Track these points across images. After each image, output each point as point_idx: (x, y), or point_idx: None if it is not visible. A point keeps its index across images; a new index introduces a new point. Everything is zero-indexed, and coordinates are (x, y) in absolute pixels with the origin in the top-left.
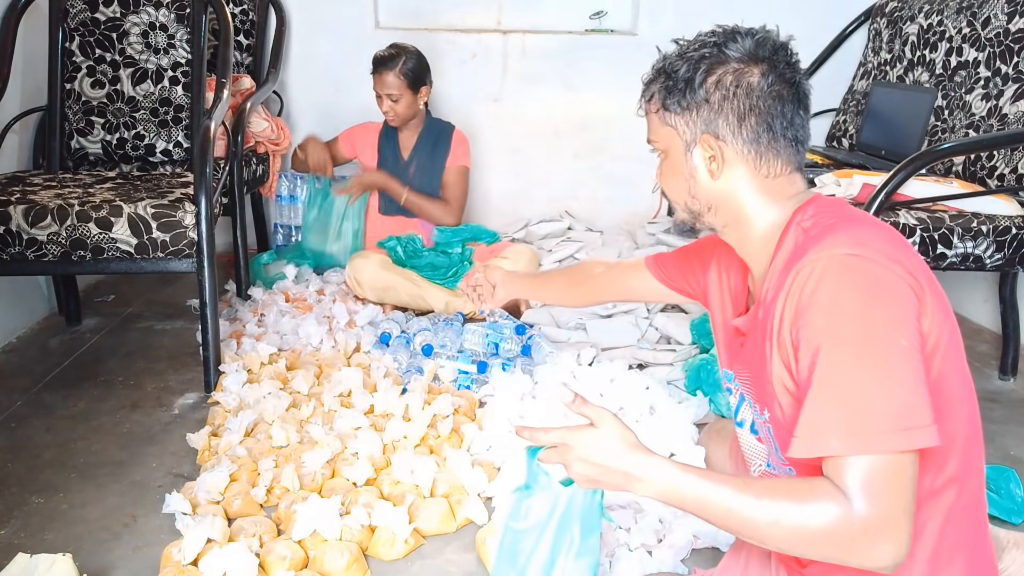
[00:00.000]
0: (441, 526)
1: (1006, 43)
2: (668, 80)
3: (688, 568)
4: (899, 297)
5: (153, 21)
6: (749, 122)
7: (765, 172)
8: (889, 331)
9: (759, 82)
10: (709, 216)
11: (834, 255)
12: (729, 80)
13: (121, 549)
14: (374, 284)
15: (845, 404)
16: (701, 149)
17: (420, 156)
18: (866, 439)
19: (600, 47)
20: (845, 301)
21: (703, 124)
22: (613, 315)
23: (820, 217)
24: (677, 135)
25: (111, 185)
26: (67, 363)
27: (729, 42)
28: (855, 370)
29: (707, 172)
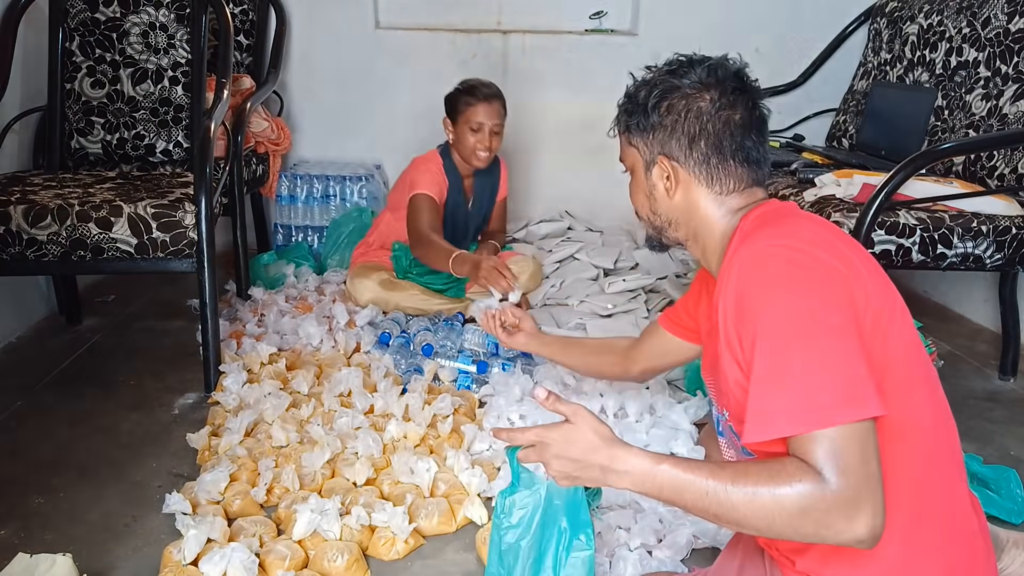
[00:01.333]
0: (441, 526)
1: (1006, 43)
2: (630, 104)
3: (688, 568)
4: (825, 278)
5: (153, 21)
6: (699, 144)
7: (718, 189)
8: (818, 310)
9: (708, 107)
10: (671, 231)
11: (759, 248)
12: (681, 105)
13: (121, 549)
14: (374, 303)
15: (787, 385)
16: (658, 168)
17: (479, 198)
18: (813, 415)
19: (600, 47)
20: (772, 289)
21: (658, 145)
22: (613, 315)
23: (758, 219)
24: (639, 155)
25: (111, 185)
26: (67, 363)
27: (684, 70)
28: (791, 352)
29: (664, 190)
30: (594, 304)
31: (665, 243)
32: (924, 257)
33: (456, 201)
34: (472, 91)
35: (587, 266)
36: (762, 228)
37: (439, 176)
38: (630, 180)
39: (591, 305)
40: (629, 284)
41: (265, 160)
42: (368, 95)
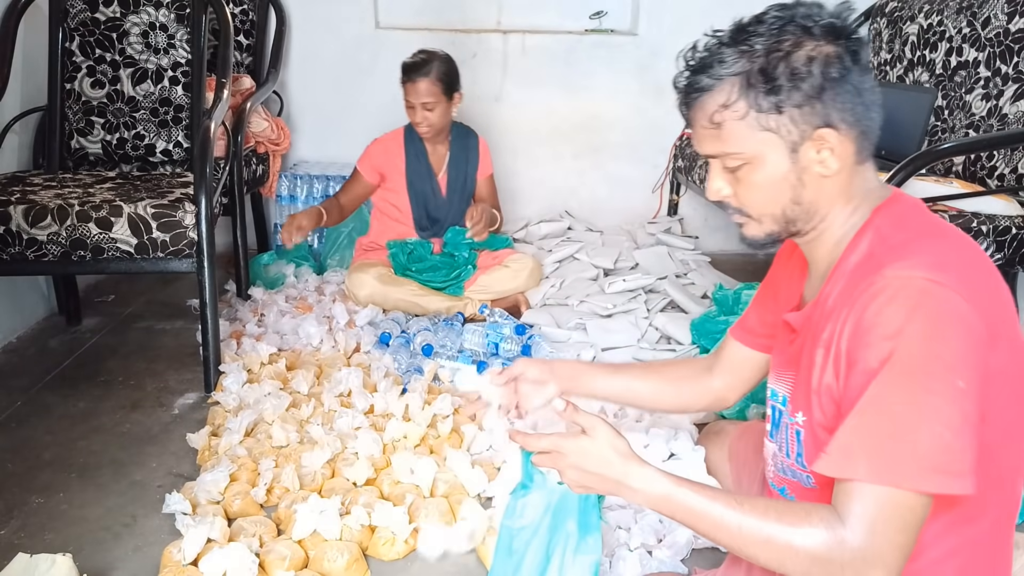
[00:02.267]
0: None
1: (1006, 43)
2: (763, 76)
3: (688, 568)
4: (968, 333)
5: (153, 21)
6: (857, 101)
7: (861, 158)
8: (949, 370)
9: (852, 57)
10: (806, 222)
11: (911, 278)
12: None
13: (121, 549)
14: (372, 299)
15: (886, 433)
16: (812, 145)
17: (453, 173)
18: (895, 473)
19: (600, 47)
20: (912, 330)
21: (817, 117)
22: (613, 315)
23: (902, 225)
24: (778, 138)
25: (111, 185)
26: (67, 363)
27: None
28: (905, 402)
29: (820, 171)
30: (594, 304)
31: (783, 238)
32: None
33: (418, 172)
34: (405, 68)
35: (587, 266)
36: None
37: (382, 154)
38: (747, 174)
39: (591, 305)
40: (629, 284)
41: (265, 160)
42: (368, 95)
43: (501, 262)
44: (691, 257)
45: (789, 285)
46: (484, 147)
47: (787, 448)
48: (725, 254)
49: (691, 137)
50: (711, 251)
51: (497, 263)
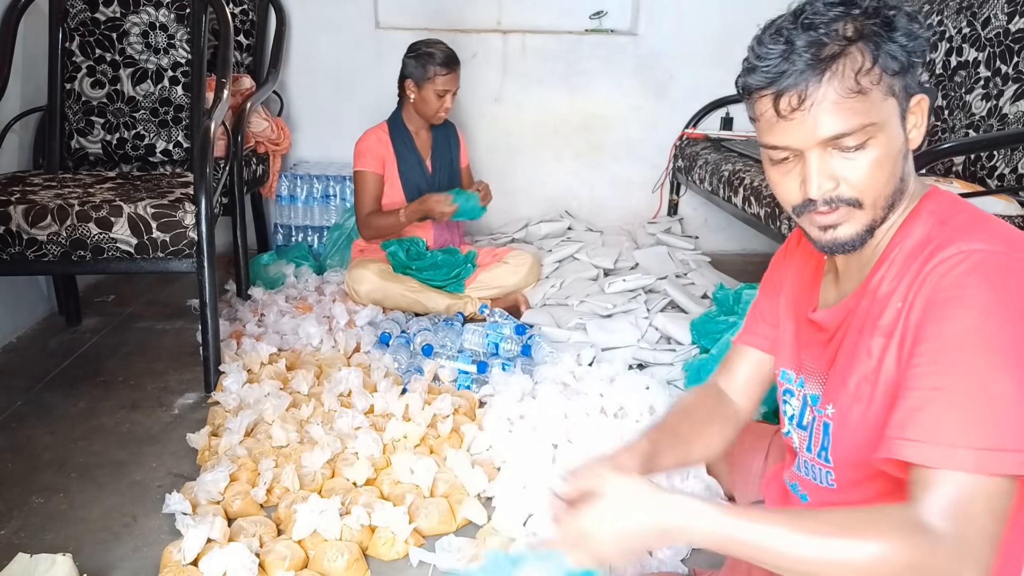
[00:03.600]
0: (441, 526)
1: (1006, 43)
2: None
3: (688, 568)
4: None
5: (153, 21)
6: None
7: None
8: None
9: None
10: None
11: (990, 251)
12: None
13: (121, 549)
14: (372, 295)
15: (987, 414)
16: (911, 114)
17: (438, 158)
18: (1004, 458)
19: (600, 47)
20: (1001, 302)
21: (914, 82)
22: (613, 315)
23: (956, 210)
24: (896, 104)
25: (111, 185)
26: (67, 363)
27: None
28: (1002, 379)
29: (913, 141)
30: (594, 304)
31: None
32: None
33: (410, 161)
34: (440, 60)
35: (587, 266)
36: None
37: (375, 144)
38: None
39: (591, 305)
40: (629, 284)
41: (265, 160)
42: (368, 95)
43: (501, 259)
44: (691, 257)
45: (799, 286)
46: (462, 137)
47: (810, 442)
48: (725, 254)
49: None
50: (711, 251)
51: (497, 260)
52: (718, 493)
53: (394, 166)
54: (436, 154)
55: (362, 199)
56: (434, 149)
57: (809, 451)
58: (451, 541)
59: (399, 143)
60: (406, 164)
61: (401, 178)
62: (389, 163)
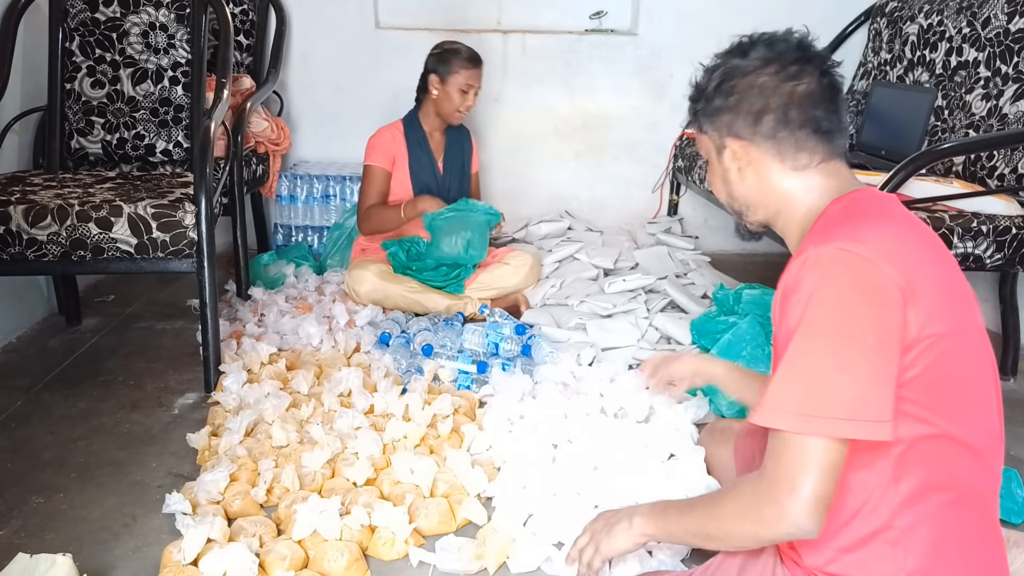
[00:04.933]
0: (441, 526)
1: (1006, 43)
2: (696, 93)
3: (688, 568)
4: (878, 294)
5: (153, 21)
6: (764, 119)
7: (792, 164)
8: (859, 325)
9: (769, 81)
10: (750, 214)
11: (827, 248)
12: (743, 84)
13: (121, 549)
14: (372, 295)
15: (804, 386)
16: (729, 151)
17: (450, 162)
18: (815, 423)
19: (600, 47)
20: (823, 291)
21: (726, 128)
22: (613, 315)
23: (849, 210)
24: (710, 142)
25: (111, 185)
26: (67, 363)
27: (744, 49)
28: (819, 356)
29: (736, 172)
30: (594, 304)
31: (751, 228)
32: None
33: (422, 161)
34: (464, 55)
35: (587, 266)
36: (842, 223)
37: (388, 141)
38: (708, 170)
39: (591, 305)
40: (629, 284)
41: (265, 160)
42: (368, 95)
43: (501, 259)
44: (691, 257)
45: None
46: (475, 142)
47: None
48: (725, 254)
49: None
50: (711, 251)
51: (497, 261)
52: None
53: (405, 164)
54: (448, 157)
55: (366, 192)
56: (447, 152)
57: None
58: (451, 541)
59: (413, 142)
60: (418, 163)
61: (411, 177)
62: (400, 161)
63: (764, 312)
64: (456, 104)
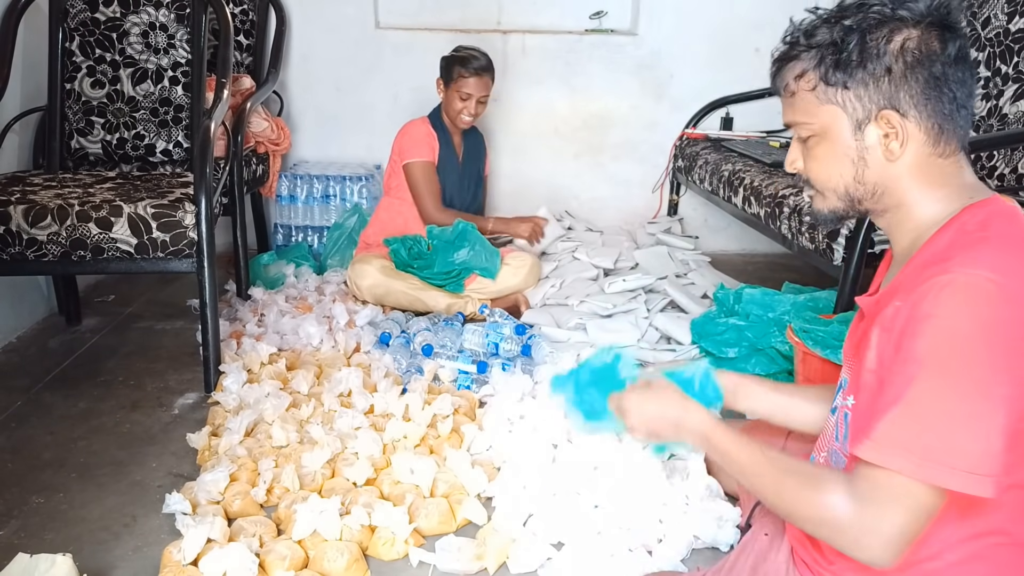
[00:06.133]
0: (441, 526)
1: (1006, 43)
2: (835, 51)
3: (688, 568)
4: (1017, 338)
5: (153, 21)
6: (935, 93)
7: (940, 151)
8: (994, 373)
9: (941, 47)
10: (870, 202)
11: (974, 275)
12: (912, 46)
13: (121, 549)
14: (374, 290)
15: (928, 430)
16: (877, 126)
17: (468, 164)
18: (932, 470)
19: (600, 47)
20: (962, 328)
21: (883, 98)
22: (613, 315)
23: (987, 225)
24: (844, 113)
25: (111, 185)
26: (67, 363)
27: (903, 2)
28: (949, 401)
29: (884, 152)
30: (594, 304)
31: (848, 216)
32: None
33: (448, 159)
34: (465, 62)
35: (587, 266)
36: (982, 245)
37: (428, 137)
38: (813, 146)
39: (591, 305)
40: (629, 284)
41: (265, 160)
42: (368, 95)
43: (501, 260)
44: (691, 257)
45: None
46: (487, 146)
47: (836, 431)
48: (725, 254)
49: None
50: (711, 251)
51: None
52: (718, 494)
53: (437, 159)
54: (467, 159)
55: (423, 191)
56: (465, 153)
57: (836, 440)
58: (451, 541)
59: (441, 140)
60: (445, 160)
61: (440, 172)
62: (435, 157)
63: (764, 312)
64: (457, 109)
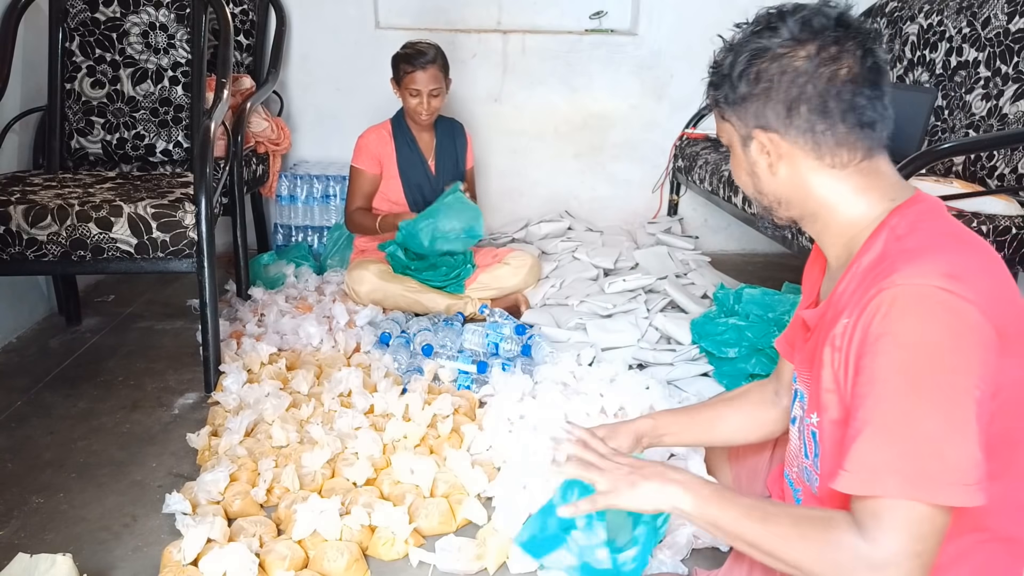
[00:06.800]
0: (441, 526)
1: (1006, 43)
2: (716, 75)
3: (688, 568)
4: (981, 341)
5: (153, 21)
6: (799, 110)
7: (830, 162)
8: (966, 378)
9: (806, 65)
10: (781, 210)
11: (923, 286)
12: (773, 68)
13: (121, 549)
14: (372, 296)
15: (911, 447)
16: (756, 143)
17: (442, 159)
18: (927, 488)
19: (600, 47)
20: (926, 339)
21: (753, 118)
22: (613, 315)
23: (917, 227)
24: (734, 130)
25: (111, 185)
26: (67, 363)
27: (774, 26)
28: (927, 414)
29: (766, 166)
30: (594, 304)
31: (778, 223)
32: None
33: (410, 160)
34: (409, 59)
35: (587, 266)
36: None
37: (374, 143)
38: (730, 157)
39: (591, 305)
40: (629, 284)
41: (265, 160)
42: (368, 95)
43: (501, 260)
44: (691, 257)
45: (811, 282)
46: (469, 140)
47: (805, 448)
48: (725, 254)
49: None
50: (711, 251)
51: (497, 261)
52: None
53: (394, 164)
54: (440, 155)
55: (351, 194)
56: (438, 150)
57: (807, 457)
58: (451, 541)
59: (401, 142)
60: (407, 163)
61: (402, 177)
62: (388, 162)
63: (764, 312)
64: (412, 107)
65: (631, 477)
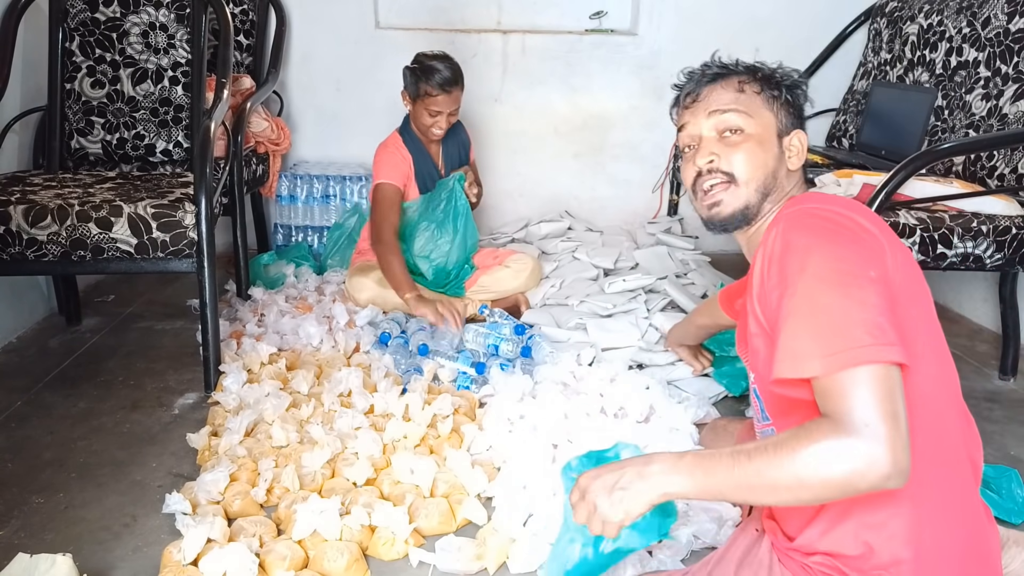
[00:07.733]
0: (441, 526)
1: (1006, 43)
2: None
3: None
4: (864, 238)
5: (153, 21)
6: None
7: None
8: (858, 262)
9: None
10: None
11: (799, 210)
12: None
13: (121, 549)
14: (372, 302)
15: (821, 326)
16: (793, 139)
17: (450, 162)
18: (844, 356)
19: (600, 47)
20: (813, 239)
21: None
22: (613, 315)
23: (802, 197)
24: (775, 122)
25: (111, 185)
26: (67, 363)
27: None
28: (828, 295)
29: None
30: (594, 304)
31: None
32: (924, 257)
33: (428, 171)
34: (434, 80)
35: (587, 266)
36: (806, 199)
37: (397, 157)
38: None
39: (591, 305)
40: (629, 284)
41: (265, 160)
42: (368, 95)
43: (502, 262)
44: (691, 257)
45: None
46: (470, 134)
47: (763, 413)
48: (725, 254)
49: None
50: (711, 251)
51: (498, 263)
52: None
53: (413, 177)
54: (447, 159)
55: (384, 212)
56: (445, 156)
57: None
58: (451, 541)
59: (415, 152)
60: (424, 173)
61: (420, 186)
62: (409, 174)
63: None
64: (427, 124)
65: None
